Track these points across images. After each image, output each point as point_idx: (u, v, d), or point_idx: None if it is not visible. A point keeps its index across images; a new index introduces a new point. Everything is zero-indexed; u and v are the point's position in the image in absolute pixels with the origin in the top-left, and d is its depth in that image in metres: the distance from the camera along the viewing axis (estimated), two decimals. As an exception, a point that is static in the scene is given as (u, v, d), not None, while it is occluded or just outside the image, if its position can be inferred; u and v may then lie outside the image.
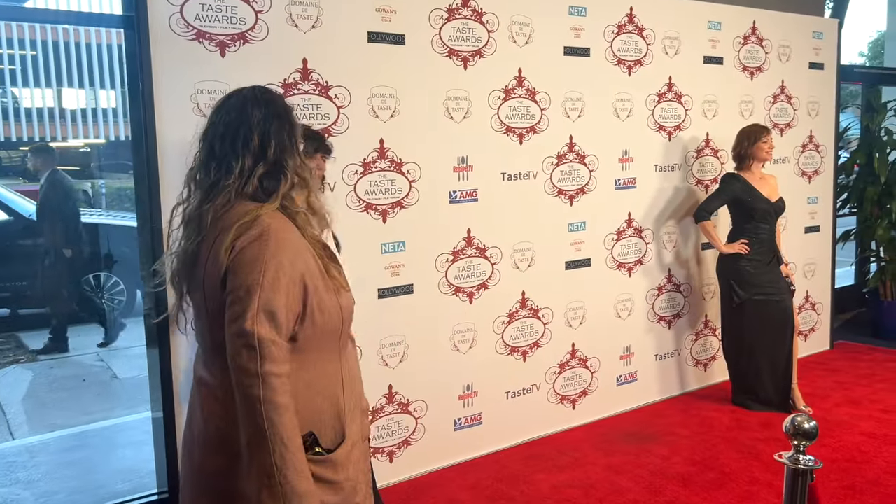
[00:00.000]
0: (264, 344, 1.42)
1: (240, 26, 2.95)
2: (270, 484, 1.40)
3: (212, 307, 1.55)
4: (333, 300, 1.60)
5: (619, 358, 4.36)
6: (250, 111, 1.61)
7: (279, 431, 1.41)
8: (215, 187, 1.58)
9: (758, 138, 4.19)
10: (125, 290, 7.71)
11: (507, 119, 3.75)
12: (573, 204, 4.05)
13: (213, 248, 1.54)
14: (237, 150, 1.58)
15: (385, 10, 3.32)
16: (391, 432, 3.49)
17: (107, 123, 17.07)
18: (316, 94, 3.14)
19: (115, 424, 4.55)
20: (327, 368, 1.62)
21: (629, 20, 4.18)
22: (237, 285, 1.47)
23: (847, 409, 4.29)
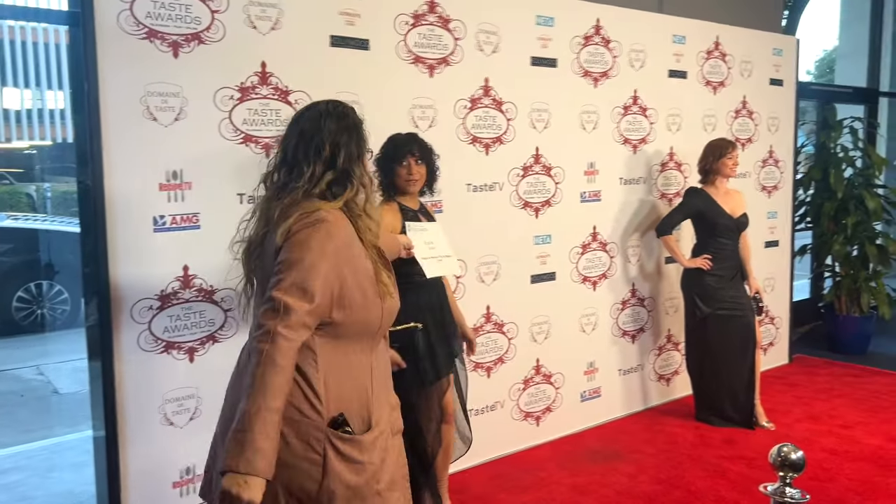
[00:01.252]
0: (286, 309, 1.56)
1: (194, 26, 2.79)
2: (239, 429, 1.49)
3: (266, 283, 1.69)
4: (378, 302, 1.76)
5: (584, 373, 4.29)
6: (324, 123, 1.79)
7: (266, 387, 1.51)
8: (285, 188, 1.76)
9: (723, 154, 4.18)
10: (69, 299, 7.39)
11: (474, 129, 3.65)
12: (539, 216, 3.97)
13: (274, 234, 1.70)
14: (309, 158, 1.75)
15: (349, 14, 3.19)
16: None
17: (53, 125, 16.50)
18: (275, 99, 2.99)
19: (55, 444, 4.29)
20: (360, 359, 1.76)
21: (596, 32, 4.13)
22: (282, 259, 1.64)
23: (807, 424, 4.30)
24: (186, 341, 2.86)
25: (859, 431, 4.16)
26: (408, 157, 2.82)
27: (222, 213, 2.89)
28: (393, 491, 1.77)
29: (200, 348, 2.90)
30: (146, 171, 2.72)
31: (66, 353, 6.17)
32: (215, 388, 2.92)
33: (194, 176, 2.82)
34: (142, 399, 2.78)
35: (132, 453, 2.75)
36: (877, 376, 5.22)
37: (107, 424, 2.71)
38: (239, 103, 2.91)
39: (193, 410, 2.90)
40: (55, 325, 7.39)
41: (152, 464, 2.82)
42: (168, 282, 2.80)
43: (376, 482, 1.72)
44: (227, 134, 2.89)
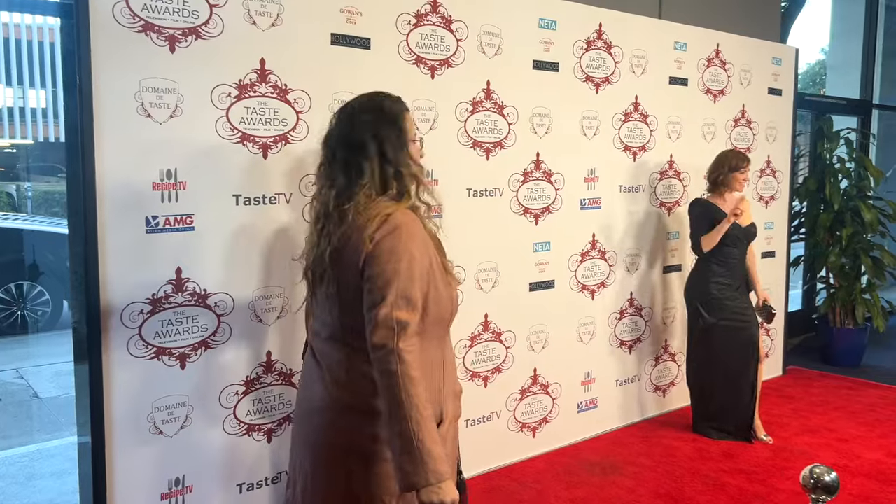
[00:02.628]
0: (401, 325, 1.60)
1: (192, 20, 2.69)
2: (409, 450, 1.54)
3: (346, 296, 1.72)
4: (448, 291, 1.78)
5: (581, 383, 4.21)
6: (361, 118, 1.80)
7: (415, 401, 1.56)
8: (350, 188, 1.76)
9: (737, 167, 4.11)
10: (50, 300, 7.23)
11: (475, 133, 3.57)
12: (538, 223, 3.89)
13: (352, 241, 1.70)
14: (357, 155, 1.77)
15: (350, 12, 3.10)
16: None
17: (35, 123, 16.26)
18: (273, 98, 2.90)
19: (35, 451, 4.14)
20: (433, 354, 1.79)
21: (598, 36, 4.07)
22: (377, 273, 1.64)
23: (805, 438, 4.25)
24: (178, 347, 2.75)
25: (858, 445, 4.12)
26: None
27: (218, 215, 2.79)
28: (453, 473, 1.83)
29: (193, 354, 2.78)
30: (139, 169, 2.61)
31: (48, 357, 6.01)
32: (207, 396, 2.83)
33: (189, 176, 2.71)
34: (130, 406, 2.66)
35: (119, 462, 2.64)
36: (872, 389, 5.19)
37: (93, 431, 2.59)
38: (237, 101, 2.81)
39: (184, 419, 2.79)
40: (36, 327, 7.22)
41: (140, 473, 2.70)
42: (160, 285, 2.69)
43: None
44: (224, 132, 2.79)
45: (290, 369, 3.04)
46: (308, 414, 1.83)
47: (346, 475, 1.72)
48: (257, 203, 2.89)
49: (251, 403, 2.95)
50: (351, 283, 1.71)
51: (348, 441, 1.72)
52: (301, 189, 3.00)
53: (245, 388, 2.93)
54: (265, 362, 2.97)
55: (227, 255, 2.83)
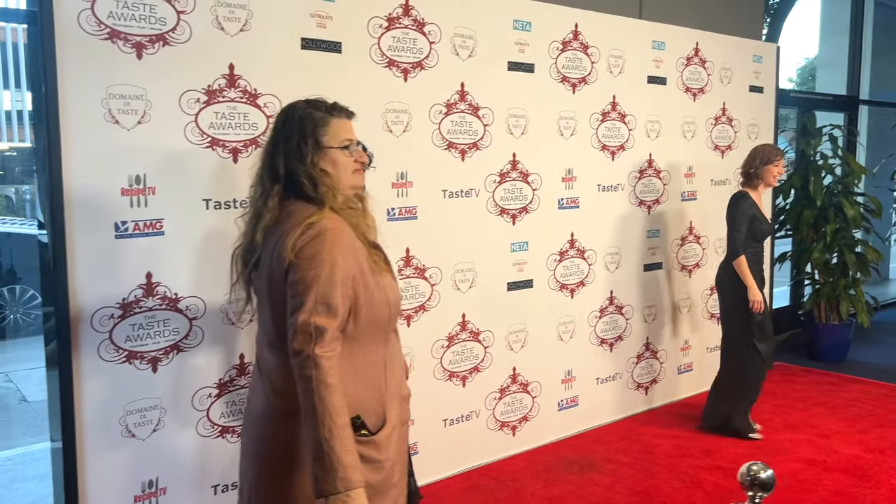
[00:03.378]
0: (319, 331, 1.60)
1: (159, 27, 2.71)
2: (321, 456, 1.54)
3: (275, 300, 1.72)
4: (383, 295, 1.78)
5: (561, 382, 4.24)
6: (281, 124, 1.85)
7: (328, 408, 1.56)
8: (266, 193, 1.81)
9: (770, 160, 4.11)
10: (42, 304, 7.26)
11: (449, 134, 3.59)
12: (516, 223, 3.92)
13: (278, 246, 1.71)
14: (274, 160, 1.81)
15: (320, 16, 3.13)
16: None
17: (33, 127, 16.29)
18: (243, 103, 2.92)
19: (20, 454, 4.17)
20: (373, 358, 1.80)
21: (574, 37, 4.09)
22: (297, 279, 1.65)
23: (786, 434, 4.27)
24: (149, 351, 2.78)
25: (837, 441, 4.14)
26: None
27: (187, 220, 2.82)
28: (402, 479, 1.88)
29: (164, 358, 2.81)
30: (108, 175, 2.64)
31: (37, 360, 6.03)
32: (179, 399, 2.86)
33: (158, 181, 2.74)
34: (102, 410, 2.69)
35: (91, 466, 2.66)
36: (855, 384, 5.21)
37: (64, 435, 2.62)
38: (206, 106, 2.83)
39: (157, 422, 2.81)
40: (28, 330, 7.26)
41: (113, 477, 2.73)
42: (130, 290, 2.71)
43: (392, 476, 1.81)
44: (193, 138, 2.82)
45: (264, 371, 3.07)
46: (251, 423, 1.84)
47: (287, 484, 1.72)
48: (228, 207, 2.91)
49: (224, 406, 2.98)
50: (278, 291, 1.72)
51: (289, 450, 1.72)
52: (272, 192, 3.02)
53: (218, 391, 2.96)
54: (238, 365, 3.00)
55: (198, 259, 2.86)
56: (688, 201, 4.84)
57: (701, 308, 5.02)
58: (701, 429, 4.31)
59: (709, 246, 5.01)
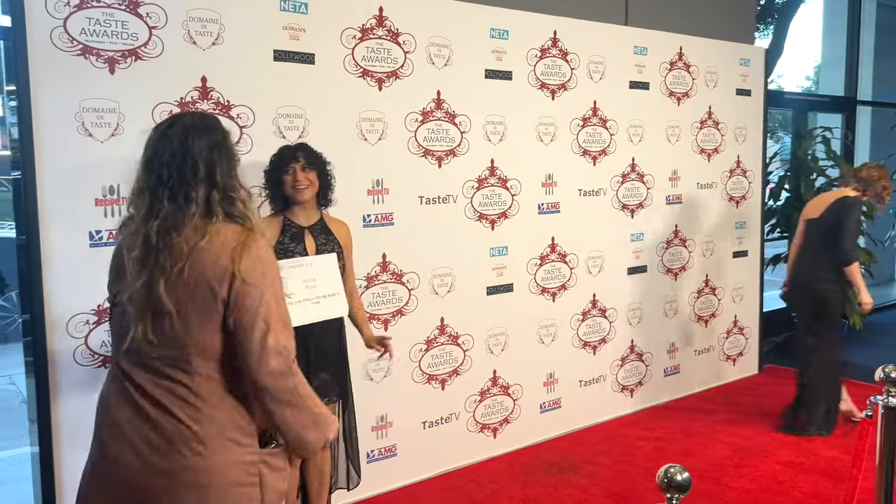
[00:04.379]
0: (286, 349, 1.70)
1: (131, 42, 2.80)
2: (317, 421, 1.75)
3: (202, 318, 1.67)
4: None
5: (543, 384, 4.28)
6: (192, 140, 1.71)
7: (310, 396, 1.76)
8: (177, 215, 1.68)
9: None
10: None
11: (426, 142, 3.66)
12: (495, 228, 3.97)
13: (208, 273, 1.65)
14: (187, 180, 1.69)
15: (293, 29, 3.21)
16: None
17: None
18: (216, 114, 3.00)
19: (14, 456, 4.29)
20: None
21: (553, 44, 4.14)
22: (254, 304, 1.67)
23: (769, 436, 4.29)
24: (125, 355, 2.86)
25: (819, 444, 4.15)
26: (292, 163, 2.73)
27: (161, 228, 2.90)
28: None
29: (140, 362, 2.90)
30: (82, 186, 2.73)
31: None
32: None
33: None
34: (78, 415, 2.77)
35: (68, 470, 2.75)
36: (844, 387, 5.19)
37: (41, 439, 2.71)
38: (179, 118, 2.92)
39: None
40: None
41: (90, 478, 2.81)
42: (105, 296, 2.80)
43: (286, 482, 1.86)
44: (167, 149, 2.90)
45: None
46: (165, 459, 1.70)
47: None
48: (202, 215, 2.99)
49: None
50: (209, 308, 1.66)
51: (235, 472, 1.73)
52: (246, 201, 3.10)
53: (194, 394, 3.04)
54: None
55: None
56: (673, 205, 4.87)
57: (688, 311, 5.04)
58: (790, 431, 4.31)
59: (695, 249, 5.04)
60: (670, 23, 4.90)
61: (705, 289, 5.14)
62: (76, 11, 2.67)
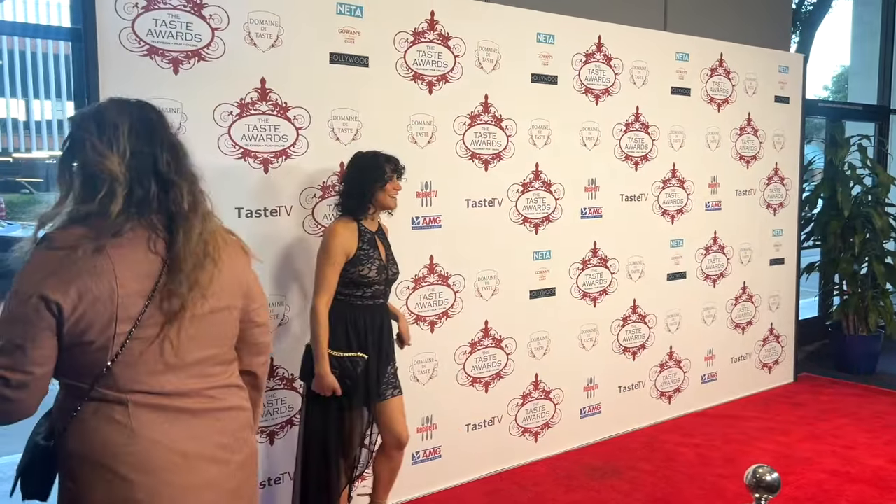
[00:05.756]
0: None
1: (195, 43, 2.84)
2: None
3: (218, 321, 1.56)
4: None
5: (583, 389, 4.28)
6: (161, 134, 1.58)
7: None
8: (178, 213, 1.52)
9: None
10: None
11: (473, 145, 3.68)
12: (538, 232, 3.98)
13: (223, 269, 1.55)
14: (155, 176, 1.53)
15: (349, 32, 3.24)
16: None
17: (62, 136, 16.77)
18: (274, 115, 3.04)
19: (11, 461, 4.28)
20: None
21: (597, 49, 4.16)
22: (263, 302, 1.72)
23: (810, 444, 4.26)
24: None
25: (862, 452, 4.12)
26: (393, 172, 2.83)
27: (220, 227, 2.94)
28: None
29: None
30: (145, 184, 2.77)
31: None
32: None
33: (193, 190, 2.86)
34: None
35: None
36: (883, 396, 5.16)
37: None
38: (238, 119, 2.96)
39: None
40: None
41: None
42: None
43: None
44: (226, 149, 2.94)
45: (292, 374, 3.17)
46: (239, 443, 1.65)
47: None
48: (259, 215, 3.03)
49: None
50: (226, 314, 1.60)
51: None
52: (301, 201, 3.14)
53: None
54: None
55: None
56: (712, 211, 4.86)
57: (725, 318, 5.02)
58: None
59: (733, 256, 5.02)
60: (707, 29, 4.90)
61: (742, 296, 5.12)
62: (144, 13, 2.72)
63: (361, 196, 2.80)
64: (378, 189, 2.79)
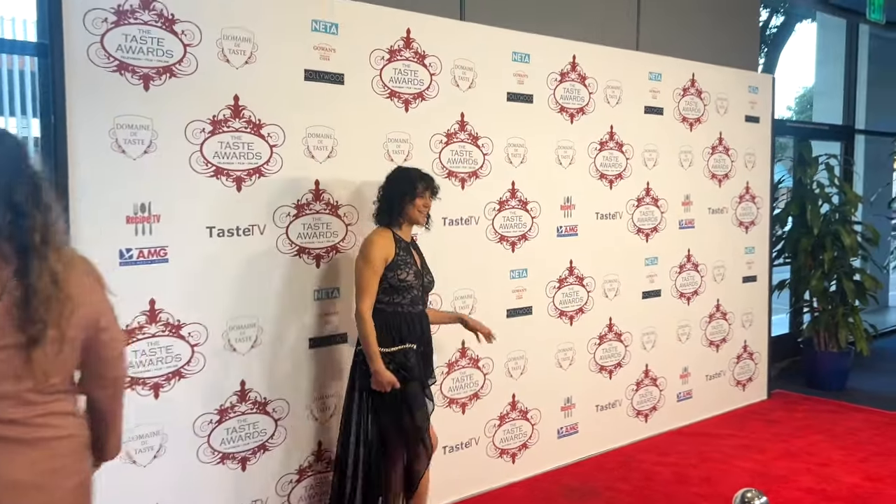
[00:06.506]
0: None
1: (166, 59, 2.78)
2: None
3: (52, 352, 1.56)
4: None
5: (561, 409, 4.25)
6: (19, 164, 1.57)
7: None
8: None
9: None
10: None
11: (449, 163, 3.65)
12: (515, 250, 3.96)
13: (70, 301, 1.57)
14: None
15: (324, 49, 3.20)
16: (319, 488, 3.27)
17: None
18: (247, 132, 2.98)
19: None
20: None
21: (572, 68, 4.17)
22: (115, 335, 1.75)
23: (786, 461, 4.27)
24: (152, 377, 2.80)
25: (837, 469, 4.14)
26: (427, 189, 2.99)
27: (192, 247, 2.87)
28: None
29: (166, 384, 2.84)
30: (113, 203, 2.69)
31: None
32: (181, 425, 2.88)
33: (163, 209, 2.79)
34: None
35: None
36: (855, 412, 5.21)
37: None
38: (210, 136, 2.89)
39: (158, 448, 2.83)
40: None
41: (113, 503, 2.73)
42: (134, 316, 2.75)
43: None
44: (198, 167, 2.87)
45: (265, 398, 3.09)
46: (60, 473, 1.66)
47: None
48: (231, 234, 2.96)
49: (225, 432, 3.00)
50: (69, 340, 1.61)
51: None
52: (275, 220, 3.07)
53: (219, 417, 2.98)
54: (239, 391, 3.02)
55: (202, 286, 2.90)
56: (686, 229, 4.89)
57: (699, 335, 5.04)
58: None
59: (707, 273, 5.05)
60: (678, 49, 4.96)
61: (716, 313, 5.14)
62: (113, 28, 2.65)
63: (391, 208, 2.95)
64: (408, 202, 2.95)
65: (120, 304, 2.69)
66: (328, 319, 3.27)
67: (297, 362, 3.18)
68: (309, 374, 3.22)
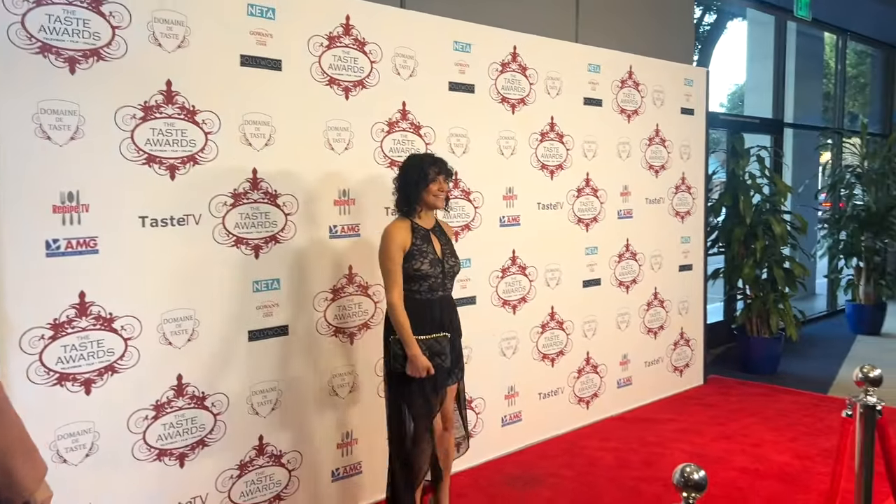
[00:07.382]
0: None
1: (93, 41, 2.67)
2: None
3: None
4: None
5: (504, 397, 4.27)
6: None
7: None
8: None
9: None
10: None
11: (391, 152, 3.62)
12: (458, 240, 3.95)
13: None
14: None
15: (260, 34, 3.12)
16: (261, 486, 3.21)
17: None
18: (181, 119, 2.89)
19: None
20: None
21: (513, 59, 4.18)
22: None
23: (722, 444, 4.39)
24: (83, 373, 2.69)
25: (769, 449, 4.28)
26: (441, 173, 2.96)
27: (123, 237, 2.76)
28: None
29: (98, 380, 2.73)
30: (38, 192, 2.57)
31: None
32: (115, 422, 2.77)
33: (92, 198, 2.68)
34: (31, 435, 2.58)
35: (19, 495, 2.55)
36: (785, 395, 5.40)
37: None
38: (142, 122, 2.79)
39: (90, 446, 2.73)
40: None
41: (42, 505, 2.62)
42: (62, 309, 2.64)
43: None
44: (129, 154, 2.77)
45: (203, 392, 3.01)
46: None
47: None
48: (165, 224, 2.86)
49: (162, 428, 2.91)
50: None
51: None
52: (211, 209, 2.99)
53: (155, 413, 2.89)
54: (176, 386, 2.93)
55: (134, 278, 2.80)
56: (624, 219, 4.98)
57: (638, 323, 5.14)
58: None
59: (645, 263, 5.15)
60: (615, 42, 5.04)
61: (654, 301, 5.26)
62: (35, 7, 2.52)
63: (408, 197, 2.96)
64: (422, 189, 2.94)
65: (48, 296, 2.60)
66: (268, 311, 3.20)
67: (236, 356, 3.11)
68: (249, 367, 3.15)
